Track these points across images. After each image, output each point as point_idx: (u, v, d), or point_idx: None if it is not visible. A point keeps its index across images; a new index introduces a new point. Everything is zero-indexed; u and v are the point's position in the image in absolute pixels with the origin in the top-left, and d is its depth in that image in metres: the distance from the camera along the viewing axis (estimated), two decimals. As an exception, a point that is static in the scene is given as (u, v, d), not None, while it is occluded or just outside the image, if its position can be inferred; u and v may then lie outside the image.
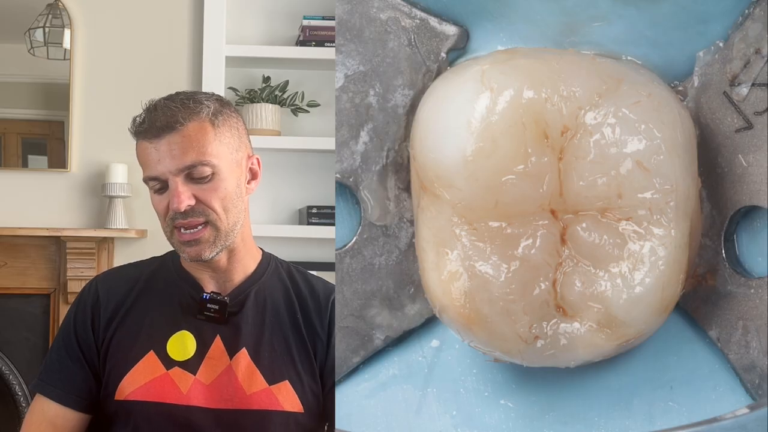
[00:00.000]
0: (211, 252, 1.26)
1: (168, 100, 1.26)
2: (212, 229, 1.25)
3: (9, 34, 2.88)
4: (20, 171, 2.89)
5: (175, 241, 1.27)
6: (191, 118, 1.24)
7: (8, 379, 2.79)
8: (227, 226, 1.27)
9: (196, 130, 1.24)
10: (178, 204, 1.22)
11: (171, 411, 1.25)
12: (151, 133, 1.24)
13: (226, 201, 1.26)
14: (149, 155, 1.24)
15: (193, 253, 1.26)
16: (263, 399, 1.26)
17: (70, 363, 1.31)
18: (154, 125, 1.23)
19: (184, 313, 1.30)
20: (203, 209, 1.24)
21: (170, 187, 1.24)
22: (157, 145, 1.23)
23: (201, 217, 1.24)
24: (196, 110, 1.24)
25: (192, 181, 1.24)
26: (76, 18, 2.90)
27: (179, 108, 1.24)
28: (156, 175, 1.24)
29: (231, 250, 1.30)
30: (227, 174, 1.26)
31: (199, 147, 1.23)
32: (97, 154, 2.86)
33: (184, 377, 1.26)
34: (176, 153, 1.22)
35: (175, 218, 1.25)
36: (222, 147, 1.26)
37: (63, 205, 2.87)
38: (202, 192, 1.24)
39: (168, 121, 1.23)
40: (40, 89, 2.91)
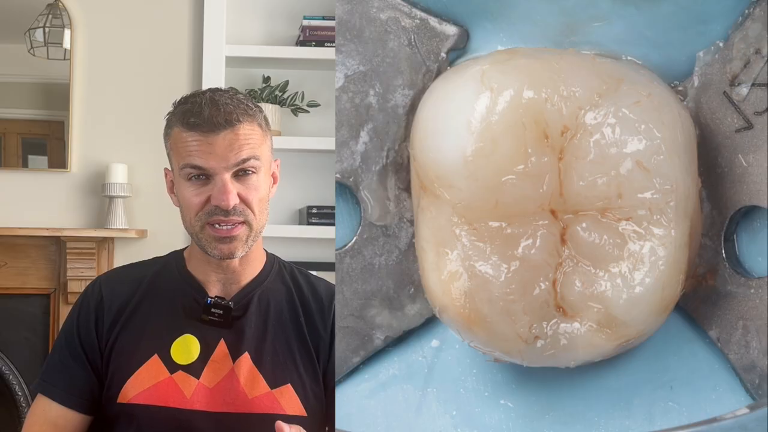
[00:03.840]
0: (243, 250, 1.27)
1: (225, 97, 1.26)
2: (247, 227, 1.26)
3: (9, 34, 2.88)
4: (20, 171, 2.89)
5: (206, 236, 1.26)
6: (247, 119, 1.25)
7: (8, 379, 2.79)
8: (258, 226, 1.28)
9: (251, 130, 1.25)
10: (227, 201, 1.22)
11: (174, 415, 1.24)
12: (207, 127, 1.23)
13: (261, 203, 1.27)
14: (196, 147, 1.23)
15: (226, 250, 1.26)
16: (265, 403, 1.25)
17: (72, 363, 1.31)
18: (212, 120, 1.23)
19: (188, 316, 1.29)
20: (243, 209, 1.25)
21: (217, 183, 1.23)
22: (211, 139, 1.23)
23: (241, 217, 1.25)
24: (250, 112, 1.26)
25: (237, 179, 1.24)
26: (76, 18, 2.90)
27: (236, 105, 1.25)
28: (204, 166, 1.23)
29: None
30: (265, 177, 1.28)
31: (253, 146, 1.25)
32: (97, 154, 2.86)
33: (188, 381, 1.26)
34: (233, 149, 1.23)
35: (213, 213, 1.24)
36: (265, 149, 1.28)
37: (63, 205, 2.87)
38: (245, 191, 1.25)
39: (227, 117, 1.23)
40: (40, 89, 2.91)
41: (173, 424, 1.24)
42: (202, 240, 1.27)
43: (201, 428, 1.24)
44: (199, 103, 1.25)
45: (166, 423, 1.25)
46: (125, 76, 2.88)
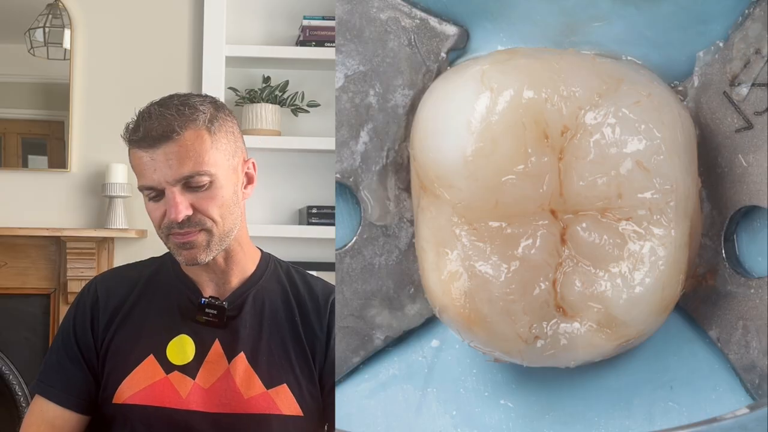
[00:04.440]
0: (207, 256, 1.25)
1: (162, 107, 1.23)
2: (206, 233, 1.24)
3: (9, 34, 2.88)
4: (20, 171, 2.89)
5: (171, 245, 1.26)
6: (187, 126, 1.21)
7: (8, 379, 2.79)
8: (222, 231, 1.25)
9: (193, 138, 1.21)
10: (176, 215, 1.21)
11: (170, 415, 1.24)
12: (146, 143, 1.21)
13: (223, 209, 1.24)
14: (144, 164, 1.22)
15: (188, 257, 1.25)
16: (261, 403, 1.25)
17: (69, 364, 1.31)
18: (149, 134, 1.20)
19: (183, 316, 1.29)
20: (200, 219, 1.23)
21: (167, 197, 1.21)
22: (152, 155, 1.21)
23: (197, 227, 1.23)
24: (192, 117, 1.22)
25: (189, 189, 1.22)
26: (76, 18, 2.90)
27: (174, 116, 1.21)
28: (152, 185, 1.22)
29: (228, 252, 1.29)
30: (224, 181, 1.24)
31: (197, 156, 1.21)
32: (97, 154, 2.86)
33: (184, 382, 1.26)
34: (173, 163, 1.20)
35: (171, 227, 1.23)
36: (219, 154, 1.23)
37: (63, 205, 2.87)
38: (199, 201, 1.22)
39: (164, 130, 1.20)
40: (40, 89, 2.91)
41: (169, 424, 1.24)
42: (170, 249, 1.28)
43: (197, 429, 1.24)
44: (140, 119, 1.23)
45: (162, 423, 1.24)
46: (125, 76, 2.88)
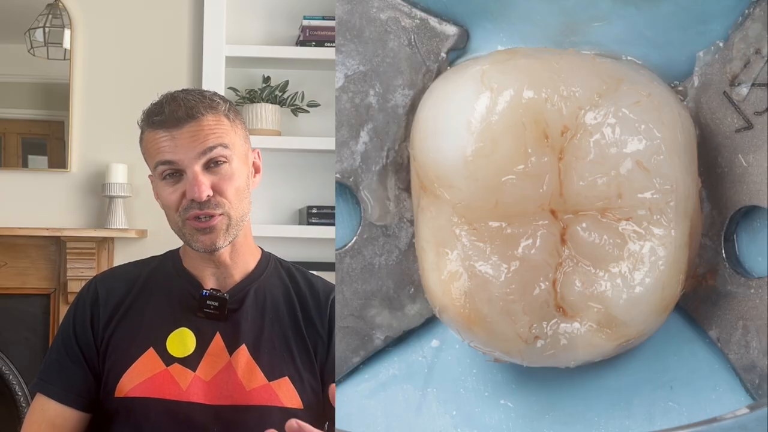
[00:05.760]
0: (224, 241, 1.27)
1: (185, 93, 1.29)
2: (226, 217, 1.27)
3: (9, 34, 2.88)
4: (20, 171, 2.89)
5: (188, 230, 1.27)
6: (210, 110, 1.27)
7: (8, 379, 2.79)
8: (238, 215, 1.28)
9: (215, 121, 1.27)
10: (200, 193, 1.23)
11: (171, 407, 1.25)
12: (170, 123, 1.25)
13: (239, 191, 1.28)
14: (163, 144, 1.25)
15: (207, 242, 1.27)
16: (263, 395, 1.26)
17: (69, 362, 1.31)
18: (174, 115, 1.25)
19: (184, 310, 1.30)
20: (219, 201, 1.25)
21: (189, 177, 1.25)
22: (176, 134, 1.25)
23: (218, 209, 1.25)
24: (213, 104, 1.28)
25: (208, 170, 1.25)
26: (76, 18, 2.90)
27: (199, 99, 1.27)
28: (174, 160, 1.25)
29: (234, 244, 1.31)
30: (239, 164, 1.29)
31: (219, 134, 1.26)
32: (97, 154, 2.86)
33: (184, 374, 1.26)
34: (197, 140, 1.24)
35: (190, 208, 1.25)
36: (236, 138, 1.29)
37: (63, 205, 2.87)
38: (218, 181, 1.25)
39: (189, 111, 1.25)
40: (40, 89, 2.91)
41: (170, 416, 1.25)
42: (186, 235, 1.28)
43: (199, 421, 1.25)
44: (160, 103, 1.28)
45: (163, 415, 1.25)
46: (125, 76, 2.88)
